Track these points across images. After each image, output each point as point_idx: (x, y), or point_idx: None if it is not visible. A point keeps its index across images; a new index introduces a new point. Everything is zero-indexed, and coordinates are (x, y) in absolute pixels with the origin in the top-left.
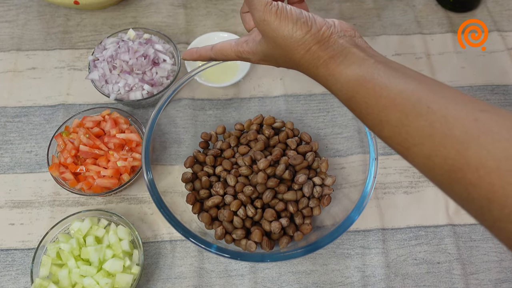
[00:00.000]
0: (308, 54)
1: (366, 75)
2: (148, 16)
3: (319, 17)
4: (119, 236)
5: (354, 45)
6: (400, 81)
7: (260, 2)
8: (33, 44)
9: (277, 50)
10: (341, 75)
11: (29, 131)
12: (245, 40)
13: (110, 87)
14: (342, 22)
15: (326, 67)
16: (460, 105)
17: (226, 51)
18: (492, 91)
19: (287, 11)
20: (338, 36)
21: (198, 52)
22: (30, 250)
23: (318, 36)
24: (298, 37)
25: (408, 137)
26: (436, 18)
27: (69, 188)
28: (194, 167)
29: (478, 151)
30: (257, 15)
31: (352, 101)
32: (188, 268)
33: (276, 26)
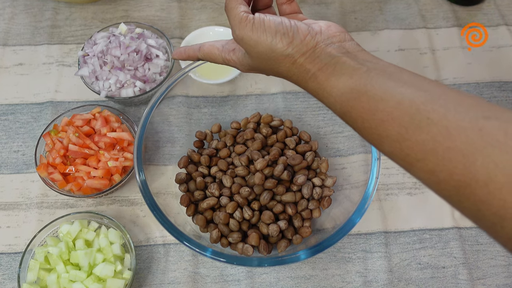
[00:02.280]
0: (294, 67)
1: (359, 87)
2: (141, 10)
3: (303, 24)
4: (110, 240)
5: (344, 53)
6: (396, 91)
7: (235, 19)
8: (20, 39)
9: (263, 64)
10: (333, 88)
11: (16, 130)
12: (232, 49)
13: (100, 84)
14: (331, 25)
15: (315, 80)
16: (461, 113)
17: (214, 55)
18: (499, 88)
19: (264, 23)
20: (325, 44)
21: (186, 52)
22: (17, 254)
23: (302, 48)
24: (280, 50)
25: (410, 152)
26: (441, 11)
27: (58, 190)
28: (188, 167)
29: (486, 165)
30: (233, 33)
31: (347, 115)
32: (182, 273)
33: (254, 42)
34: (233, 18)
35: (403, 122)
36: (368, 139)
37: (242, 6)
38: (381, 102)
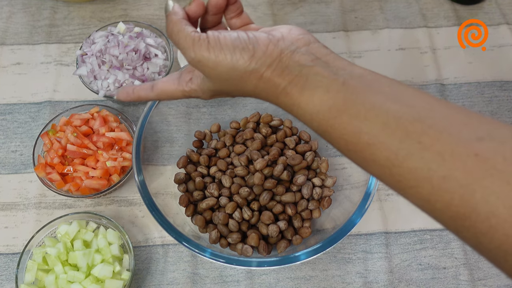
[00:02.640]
0: (262, 83)
1: (338, 104)
2: (139, 9)
3: (262, 33)
4: (108, 240)
5: (314, 59)
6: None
7: (186, 41)
8: (18, 38)
9: (226, 85)
10: (308, 104)
11: (14, 130)
12: (189, 79)
13: (99, 83)
14: (291, 28)
15: (287, 95)
16: (454, 135)
17: (170, 91)
18: (501, 88)
19: (220, 41)
20: (290, 51)
21: (136, 93)
22: (15, 254)
23: (266, 59)
24: (242, 67)
25: (401, 179)
26: (442, 10)
27: (56, 190)
28: (187, 167)
29: (486, 197)
30: (188, 57)
31: (327, 135)
32: (181, 274)
33: (213, 63)
34: (184, 41)
35: (391, 147)
36: (353, 161)
37: (189, 27)
38: (365, 122)
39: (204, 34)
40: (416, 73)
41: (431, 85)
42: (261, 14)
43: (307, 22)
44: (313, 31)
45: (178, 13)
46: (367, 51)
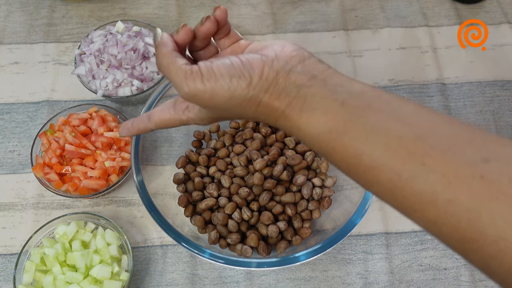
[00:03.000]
0: (261, 108)
1: (338, 126)
2: (138, 8)
3: (255, 55)
4: (107, 241)
5: (310, 78)
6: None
7: (178, 75)
8: (16, 37)
9: (225, 113)
10: (307, 127)
11: (12, 129)
12: (185, 107)
13: (97, 83)
14: (285, 45)
15: (286, 118)
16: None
17: (167, 121)
18: (502, 87)
19: (214, 70)
20: (285, 72)
21: (135, 126)
22: (12, 255)
23: (263, 84)
24: (241, 96)
25: (405, 201)
26: (443, 9)
27: (54, 190)
28: (186, 167)
29: (493, 221)
30: (182, 92)
31: (328, 156)
32: (180, 275)
33: (209, 95)
34: (176, 75)
35: (394, 168)
36: (356, 182)
37: (180, 59)
38: (366, 144)
39: (195, 66)
40: (416, 72)
41: (432, 85)
42: (260, 13)
43: (307, 21)
44: (313, 30)
45: (167, 44)
46: (367, 50)
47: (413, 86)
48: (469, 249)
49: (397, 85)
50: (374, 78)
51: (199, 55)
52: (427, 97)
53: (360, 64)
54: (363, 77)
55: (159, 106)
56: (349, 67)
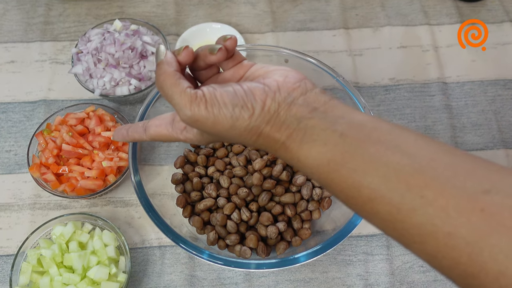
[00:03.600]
0: (261, 139)
1: (336, 157)
2: (136, 6)
3: (258, 84)
4: (104, 242)
5: (311, 110)
6: (380, 161)
7: (182, 98)
8: (12, 35)
9: (224, 139)
10: (307, 158)
11: (8, 129)
12: (183, 127)
13: (94, 82)
14: (287, 75)
15: (286, 149)
16: (458, 188)
17: (163, 136)
18: (504, 86)
19: (217, 99)
20: (287, 104)
21: (130, 135)
22: (9, 256)
23: (265, 116)
24: (242, 126)
25: (405, 233)
26: (444, 8)
27: (51, 190)
28: (184, 167)
29: (495, 256)
30: (184, 116)
31: (328, 188)
32: (178, 276)
33: (212, 122)
34: (179, 98)
35: (393, 201)
36: (357, 213)
37: (184, 81)
38: (364, 176)
39: (200, 91)
40: (418, 71)
41: (433, 84)
42: (260, 12)
43: (307, 20)
44: (312, 29)
45: (171, 64)
46: (368, 49)
47: (414, 85)
48: (471, 285)
49: (398, 84)
50: (375, 77)
51: (199, 74)
52: (428, 96)
53: (361, 63)
54: (363, 76)
55: (156, 118)
56: (350, 66)
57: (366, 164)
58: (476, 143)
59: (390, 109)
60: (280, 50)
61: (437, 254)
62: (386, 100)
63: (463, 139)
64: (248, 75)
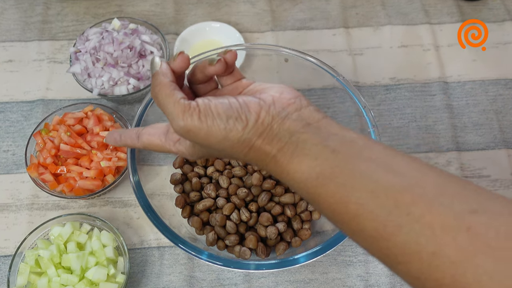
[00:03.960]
0: (252, 152)
1: (325, 172)
2: (134, 5)
3: (253, 98)
4: (102, 242)
5: (305, 126)
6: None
7: (175, 108)
8: (10, 34)
9: (216, 152)
10: (296, 172)
11: (6, 129)
12: (177, 139)
13: (93, 81)
14: (283, 91)
15: (276, 163)
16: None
17: (155, 146)
18: (505, 86)
19: (211, 110)
20: (281, 118)
21: (122, 140)
22: (6, 257)
23: (258, 128)
24: (235, 138)
25: (389, 253)
26: (445, 7)
27: (49, 190)
28: (183, 167)
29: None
30: (177, 126)
31: (316, 204)
32: (177, 277)
33: (205, 133)
34: (173, 107)
35: (379, 217)
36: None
37: (178, 92)
38: (352, 191)
39: (194, 102)
40: (418, 71)
41: (434, 83)
42: (259, 10)
43: (307, 19)
44: (312, 28)
45: (167, 75)
46: (368, 48)
47: (415, 85)
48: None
49: (399, 83)
50: (375, 77)
51: (198, 88)
52: (428, 96)
53: (361, 62)
54: (363, 75)
55: (151, 127)
56: (350, 65)
57: (355, 179)
58: (477, 143)
59: (390, 109)
60: (280, 49)
61: (421, 275)
62: (386, 99)
63: (464, 139)
64: (245, 92)
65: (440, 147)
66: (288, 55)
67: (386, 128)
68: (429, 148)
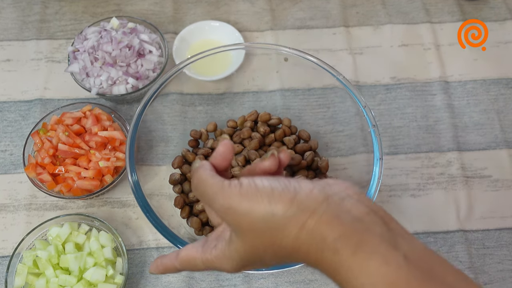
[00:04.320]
0: (304, 233)
1: (400, 283)
2: (133, 4)
3: (305, 179)
4: (101, 243)
5: (369, 212)
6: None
7: (213, 187)
8: (8, 34)
9: (259, 241)
10: (361, 272)
11: (3, 129)
12: (214, 246)
13: (91, 81)
14: (338, 180)
15: (335, 252)
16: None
17: (193, 259)
18: (507, 85)
19: (255, 185)
20: (339, 198)
21: (163, 264)
22: (4, 258)
23: (310, 203)
24: (281, 212)
25: None
26: (446, 5)
27: (47, 191)
28: (182, 167)
29: None
30: (216, 204)
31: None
32: (176, 278)
33: (246, 209)
34: (212, 187)
35: None
36: None
37: (217, 176)
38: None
39: (236, 180)
40: (419, 70)
41: (435, 83)
42: (259, 9)
43: (306, 18)
44: (312, 27)
45: (206, 167)
46: (368, 47)
47: (415, 84)
48: None
49: (399, 83)
50: (376, 76)
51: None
52: (429, 95)
53: (361, 61)
54: (364, 75)
55: (189, 245)
56: (350, 65)
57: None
58: (478, 142)
59: (391, 108)
60: (280, 48)
61: None
62: (387, 99)
63: (465, 138)
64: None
65: (441, 147)
66: (288, 54)
67: (387, 128)
68: (429, 148)
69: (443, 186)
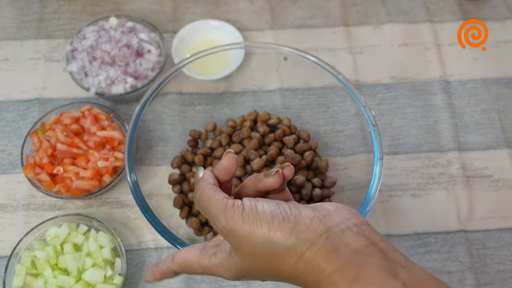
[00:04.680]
0: (302, 263)
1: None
2: (132, 3)
3: (306, 206)
4: (99, 243)
5: (368, 245)
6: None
7: (217, 207)
8: (6, 33)
9: (257, 263)
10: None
11: (1, 129)
12: (213, 253)
13: (90, 80)
14: (339, 207)
15: (332, 284)
16: None
17: (190, 263)
18: (507, 85)
19: (257, 209)
20: (340, 230)
21: (159, 269)
22: (2, 258)
23: (309, 235)
24: (280, 240)
25: None
26: (447, 5)
27: (45, 191)
28: (182, 167)
29: None
30: (218, 224)
31: None
32: (176, 278)
33: (246, 233)
34: (215, 207)
35: None
36: None
37: (220, 193)
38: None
39: (239, 201)
40: (419, 69)
41: (435, 82)
42: (258, 8)
43: (306, 17)
44: (312, 26)
45: (207, 180)
46: (368, 46)
47: (416, 84)
48: None
49: (399, 82)
50: (376, 76)
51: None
52: (430, 95)
53: (361, 61)
54: (364, 74)
55: (187, 247)
56: (350, 64)
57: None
58: (479, 142)
59: (391, 108)
60: (279, 47)
61: None
62: (387, 98)
63: (466, 138)
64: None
65: (441, 147)
66: (287, 53)
67: (387, 128)
68: (430, 148)
69: (443, 186)
